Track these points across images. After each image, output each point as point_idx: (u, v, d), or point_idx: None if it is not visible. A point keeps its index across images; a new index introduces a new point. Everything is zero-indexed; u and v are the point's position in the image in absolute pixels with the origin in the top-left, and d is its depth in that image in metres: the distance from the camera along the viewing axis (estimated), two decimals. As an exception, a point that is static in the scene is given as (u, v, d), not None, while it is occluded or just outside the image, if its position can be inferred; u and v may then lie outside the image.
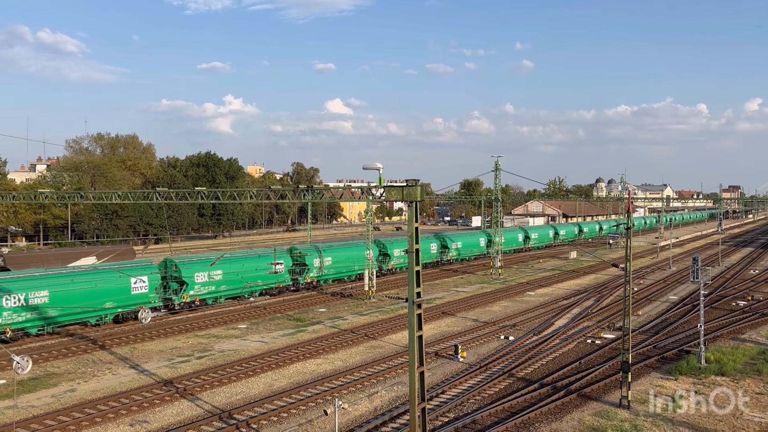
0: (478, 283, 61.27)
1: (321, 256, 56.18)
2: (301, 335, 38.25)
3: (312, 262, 55.19)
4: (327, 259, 56.60)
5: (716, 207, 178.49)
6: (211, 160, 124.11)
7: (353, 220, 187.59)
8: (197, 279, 45.05)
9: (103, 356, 33.34)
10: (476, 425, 23.25)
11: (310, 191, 30.64)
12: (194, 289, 44.91)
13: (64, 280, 38.29)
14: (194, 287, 44.87)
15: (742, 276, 64.97)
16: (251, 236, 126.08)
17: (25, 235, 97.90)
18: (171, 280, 44.22)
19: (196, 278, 44.95)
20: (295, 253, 55.62)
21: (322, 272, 56.26)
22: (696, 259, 33.13)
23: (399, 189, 19.06)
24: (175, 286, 44.24)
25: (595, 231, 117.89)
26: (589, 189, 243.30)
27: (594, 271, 69.93)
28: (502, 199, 69.87)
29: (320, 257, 55.98)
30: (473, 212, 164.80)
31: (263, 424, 23.51)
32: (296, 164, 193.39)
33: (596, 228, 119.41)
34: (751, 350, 33.66)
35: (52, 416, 24.05)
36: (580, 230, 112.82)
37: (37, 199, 46.06)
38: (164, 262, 45.49)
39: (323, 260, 56.11)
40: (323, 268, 56.20)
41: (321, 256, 56.12)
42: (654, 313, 45.31)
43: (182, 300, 44.21)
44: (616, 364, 29.85)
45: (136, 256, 64.42)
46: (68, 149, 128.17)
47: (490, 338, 37.69)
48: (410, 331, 18.54)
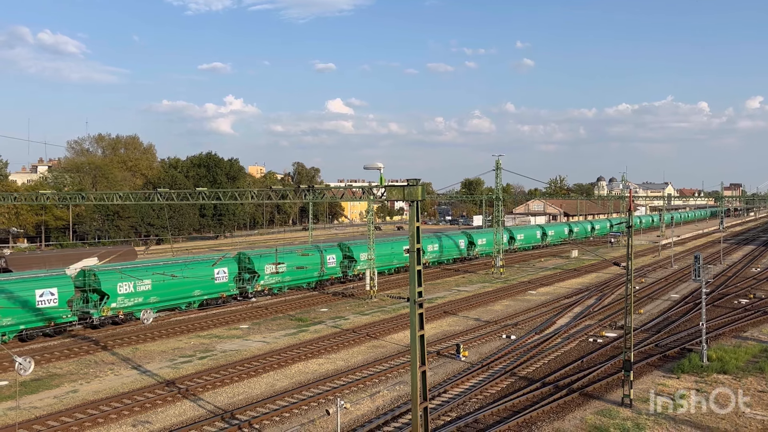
0: (480, 282, 61.26)
1: None
2: (303, 335, 38.27)
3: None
4: None
5: (717, 205, 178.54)
6: (212, 160, 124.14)
7: (354, 219, 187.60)
8: (267, 270, 49.87)
9: (105, 357, 33.37)
10: (478, 424, 23.25)
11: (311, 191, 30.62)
12: (264, 279, 49.51)
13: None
14: (264, 278, 49.62)
15: (744, 274, 64.89)
16: (252, 236, 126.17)
17: (27, 237, 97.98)
18: (244, 272, 48.60)
19: (265, 270, 49.77)
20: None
21: None
22: (697, 258, 33.09)
23: (400, 188, 19.07)
24: (247, 277, 49.11)
25: (586, 231, 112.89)
26: (590, 188, 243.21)
27: (595, 269, 69.88)
28: (503, 198, 69.82)
29: None
30: (474, 211, 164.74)
31: (265, 424, 23.53)
32: (297, 164, 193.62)
33: (588, 228, 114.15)
34: (753, 348, 33.61)
35: (54, 417, 24.08)
36: (570, 230, 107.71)
37: (39, 201, 46.10)
38: (238, 255, 50.17)
39: None
40: None
41: None
42: (656, 311, 45.28)
43: (255, 289, 48.46)
44: (618, 363, 29.83)
45: (137, 257, 64.48)
46: (69, 150, 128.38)
47: (491, 337, 37.68)
48: (412, 330, 18.55)
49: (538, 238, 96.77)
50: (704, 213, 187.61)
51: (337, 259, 57.68)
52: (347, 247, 60.05)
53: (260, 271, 49.81)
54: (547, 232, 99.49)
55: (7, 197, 44.54)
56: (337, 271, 57.89)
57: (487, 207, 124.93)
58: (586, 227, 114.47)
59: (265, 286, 50.75)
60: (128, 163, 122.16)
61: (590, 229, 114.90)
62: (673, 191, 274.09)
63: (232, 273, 47.83)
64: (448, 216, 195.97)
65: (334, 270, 57.44)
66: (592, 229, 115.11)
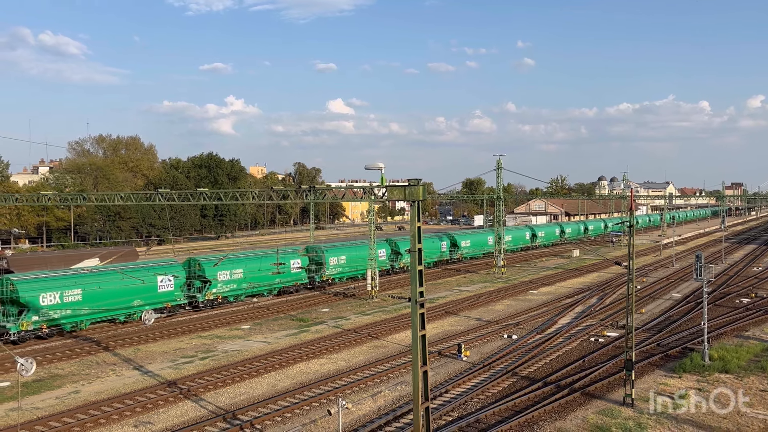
0: (481, 282, 61.24)
1: None
2: (305, 335, 38.28)
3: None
4: None
5: (719, 204, 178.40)
6: (213, 160, 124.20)
7: (355, 219, 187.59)
8: (219, 278, 48.03)
9: (106, 357, 33.40)
10: (480, 424, 23.25)
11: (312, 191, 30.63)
12: (217, 287, 47.89)
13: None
14: (217, 285, 47.89)
15: (746, 273, 64.83)
16: (254, 236, 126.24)
17: (29, 237, 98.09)
18: (195, 279, 46.81)
19: (218, 277, 47.91)
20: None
21: None
22: (699, 257, 33.08)
23: (401, 188, 19.07)
24: (198, 285, 47.20)
25: (579, 231, 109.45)
26: (591, 187, 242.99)
27: (597, 269, 69.85)
28: (504, 198, 69.80)
29: None
30: (475, 211, 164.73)
31: (267, 425, 23.54)
32: (298, 164, 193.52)
33: (581, 228, 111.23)
34: (755, 347, 33.59)
35: (56, 418, 24.11)
36: (562, 231, 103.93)
37: (40, 202, 46.12)
38: (188, 261, 48.69)
39: None
40: None
41: None
42: (657, 310, 45.25)
43: (206, 297, 46.84)
44: (619, 362, 29.81)
45: (138, 258, 64.51)
46: (70, 151, 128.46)
47: (493, 337, 37.68)
48: (413, 330, 18.55)
49: (527, 240, 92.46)
50: (705, 212, 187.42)
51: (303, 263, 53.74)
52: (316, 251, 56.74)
53: (212, 278, 46.36)
54: (536, 233, 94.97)
55: (8, 198, 44.58)
56: (303, 277, 53.68)
57: (488, 207, 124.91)
58: (579, 228, 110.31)
59: (218, 294, 47.05)
60: (129, 164, 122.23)
61: (583, 229, 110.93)
62: (675, 190, 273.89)
63: (179, 281, 44.26)
64: (449, 216, 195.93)
65: (298, 275, 53.10)
66: (585, 230, 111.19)
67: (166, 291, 43.22)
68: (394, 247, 65.21)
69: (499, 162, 64.21)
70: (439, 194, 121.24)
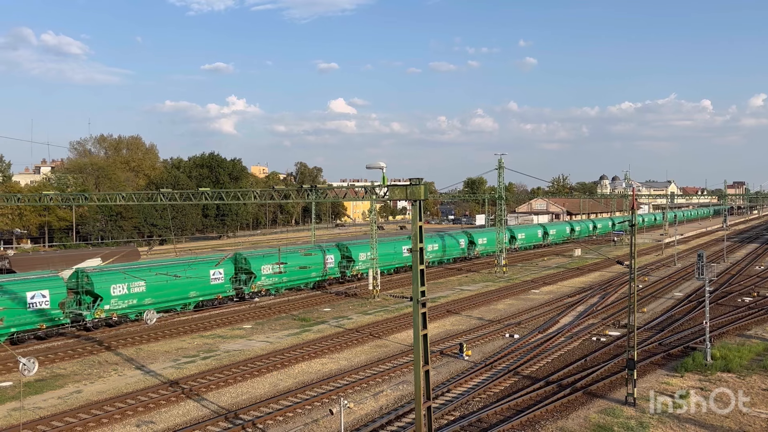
0: (483, 281, 61.21)
1: None
2: (306, 335, 38.29)
3: None
4: None
5: (720, 203, 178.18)
6: (215, 160, 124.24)
7: (357, 219, 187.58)
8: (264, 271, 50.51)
9: (108, 357, 33.43)
10: (482, 423, 23.25)
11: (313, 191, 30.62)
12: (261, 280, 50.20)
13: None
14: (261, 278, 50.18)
15: (748, 272, 64.76)
16: (255, 236, 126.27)
17: (30, 237, 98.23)
18: (241, 272, 49.38)
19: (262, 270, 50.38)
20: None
21: None
22: (701, 256, 33.03)
23: (402, 188, 19.06)
24: (244, 278, 49.63)
25: (588, 230, 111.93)
26: (593, 186, 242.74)
27: (598, 268, 69.79)
28: (505, 197, 69.76)
29: None
30: (477, 210, 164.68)
31: (269, 424, 23.56)
32: (300, 164, 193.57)
33: (590, 227, 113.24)
34: (757, 346, 33.57)
35: (58, 417, 24.15)
36: (572, 229, 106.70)
37: (42, 202, 46.15)
38: (235, 255, 50.78)
39: None
40: None
41: None
42: (659, 310, 45.21)
43: (251, 290, 49.48)
44: (621, 362, 29.79)
45: (140, 258, 64.57)
46: (72, 151, 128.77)
47: (495, 336, 37.67)
48: (415, 329, 18.55)
49: (540, 237, 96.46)
50: (707, 211, 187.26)
51: (336, 259, 57.64)
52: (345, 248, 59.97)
53: (257, 272, 49.57)
54: (548, 231, 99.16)
55: (10, 198, 44.63)
56: (336, 271, 57.85)
57: (489, 206, 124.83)
58: (588, 226, 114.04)
59: (262, 287, 50.36)
60: (131, 164, 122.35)
61: (592, 227, 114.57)
62: (676, 189, 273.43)
63: (228, 274, 47.55)
64: (450, 215, 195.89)
65: (332, 270, 57.28)
66: (594, 228, 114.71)
67: (217, 283, 46.50)
68: (344, 251, 60.16)
69: (500, 161, 64.17)
70: (440, 193, 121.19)
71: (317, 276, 55.64)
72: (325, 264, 55.95)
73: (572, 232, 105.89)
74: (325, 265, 56.04)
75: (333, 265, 56.90)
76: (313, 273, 55.07)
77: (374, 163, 21.71)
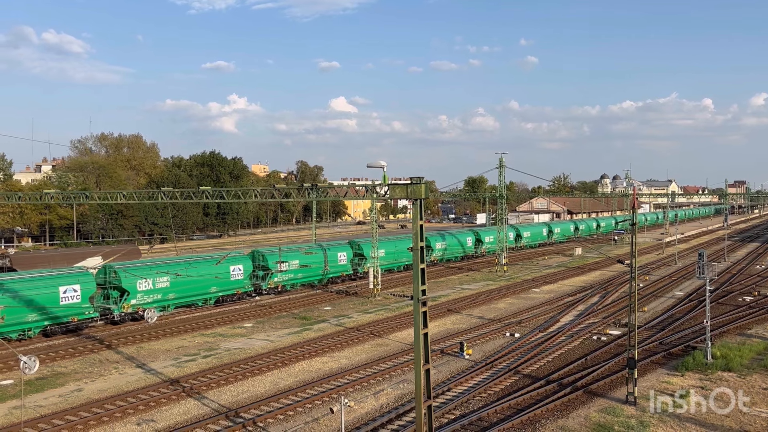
0: (483, 280, 61.21)
1: None
2: (307, 333, 38.31)
3: None
4: None
5: (721, 202, 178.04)
6: (216, 159, 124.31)
7: (357, 218, 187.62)
8: (371, 255, 53.24)
9: (109, 355, 33.46)
10: (482, 422, 23.25)
11: (314, 190, 30.70)
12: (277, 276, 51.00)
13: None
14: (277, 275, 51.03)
15: (748, 271, 64.74)
16: (256, 235, 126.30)
17: (31, 236, 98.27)
18: (258, 269, 50.60)
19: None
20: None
21: None
22: (702, 255, 33.01)
23: (403, 187, 19.05)
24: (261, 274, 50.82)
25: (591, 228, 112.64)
26: (594, 185, 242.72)
27: (599, 267, 69.79)
28: (506, 196, 69.75)
29: None
30: (478, 209, 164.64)
31: (270, 423, 23.57)
32: (300, 163, 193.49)
33: (593, 225, 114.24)
34: (758, 345, 33.56)
35: (59, 416, 24.17)
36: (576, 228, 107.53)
37: (43, 200, 46.18)
38: (253, 252, 52.26)
39: None
40: None
41: None
42: (660, 309, 45.21)
43: (268, 286, 50.74)
44: (622, 361, 29.79)
45: (141, 256, 64.60)
46: (73, 150, 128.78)
47: (495, 335, 37.67)
48: (416, 328, 18.55)
49: (545, 236, 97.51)
50: (708, 210, 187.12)
51: (348, 256, 58.77)
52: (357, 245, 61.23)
53: (273, 269, 50.51)
54: (553, 230, 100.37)
55: (11, 196, 44.69)
56: (348, 268, 58.92)
57: (490, 205, 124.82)
58: (591, 224, 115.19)
59: (278, 284, 51.73)
60: (132, 162, 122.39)
61: (596, 226, 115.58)
62: (677, 189, 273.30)
63: (247, 270, 48.73)
64: (451, 214, 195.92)
65: (344, 267, 58.48)
66: (597, 227, 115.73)
67: (237, 279, 47.59)
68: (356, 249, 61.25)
69: (501, 160, 64.16)
70: (441, 192, 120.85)
71: (330, 273, 56.56)
72: (338, 261, 57.49)
73: (576, 230, 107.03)
74: (342, 262, 57.87)
75: (345, 262, 58.19)
76: (321, 270, 55.95)
77: (375, 162, 21.71)
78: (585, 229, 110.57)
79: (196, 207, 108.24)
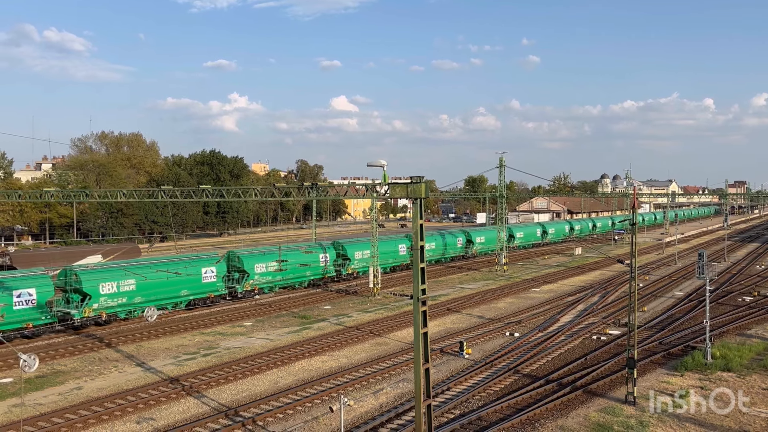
0: (483, 280, 61.22)
1: None
2: (307, 332, 38.32)
3: None
4: None
5: (722, 202, 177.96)
6: (216, 158, 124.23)
7: (357, 217, 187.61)
8: (257, 270, 50.38)
9: (109, 354, 33.47)
10: (482, 422, 23.26)
11: (314, 189, 30.69)
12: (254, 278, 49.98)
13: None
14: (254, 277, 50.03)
15: (748, 271, 64.75)
16: (256, 234, 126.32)
17: (31, 234, 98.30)
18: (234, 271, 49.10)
19: (255, 269, 50.22)
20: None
21: None
22: (701, 255, 33.02)
23: (403, 186, 19.06)
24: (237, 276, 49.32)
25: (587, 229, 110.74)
26: (594, 185, 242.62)
27: (599, 267, 69.80)
28: (506, 195, 69.75)
29: None
30: (478, 209, 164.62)
31: (269, 421, 23.58)
32: (301, 162, 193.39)
33: (589, 225, 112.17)
34: (758, 346, 33.56)
35: (59, 414, 24.18)
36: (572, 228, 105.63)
37: (43, 198, 46.24)
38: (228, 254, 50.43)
39: None
40: None
41: None
42: (659, 309, 45.21)
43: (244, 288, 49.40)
44: (621, 360, 29.80)
45: (141, 255, 64.62)
46: (73, 148, 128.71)
47: (495, 335, 37.68)
48: (415, 328, 18.55)
49: (539, 236, 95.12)
50: (708, 210, 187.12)
51: (331, 258, 57.43)
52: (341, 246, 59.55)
53: (250, 271, 49.18)
54: (547, 230, 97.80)
55: (11, 195, 44.69)
56: (331, 270, 57.50)
57: (490, 204, 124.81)
58: (587, 225, 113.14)
59: (255, 286, 49.89)
60: (132, 161, 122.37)
61: (592, 226, 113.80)
62: (678, 188, 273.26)
63: (221, 272, 46.80)
64: (451, 213, 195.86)
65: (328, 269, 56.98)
66: (593, 227, 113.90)
67: (209, 282, 45.94)
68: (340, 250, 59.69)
69: (501, 159, 64.13)
70: (441, 192, 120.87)
71: (313, 275, 55.40)
72: (321, 262, 55.98)
73: (572, 231, 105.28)
74: (322, 263, 56.06)
75: (329, 263, 56.91)
76: (308, 272, 54.77)
77: (375, 161, 21.71)
78: (581, 229, 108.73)
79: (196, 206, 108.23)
